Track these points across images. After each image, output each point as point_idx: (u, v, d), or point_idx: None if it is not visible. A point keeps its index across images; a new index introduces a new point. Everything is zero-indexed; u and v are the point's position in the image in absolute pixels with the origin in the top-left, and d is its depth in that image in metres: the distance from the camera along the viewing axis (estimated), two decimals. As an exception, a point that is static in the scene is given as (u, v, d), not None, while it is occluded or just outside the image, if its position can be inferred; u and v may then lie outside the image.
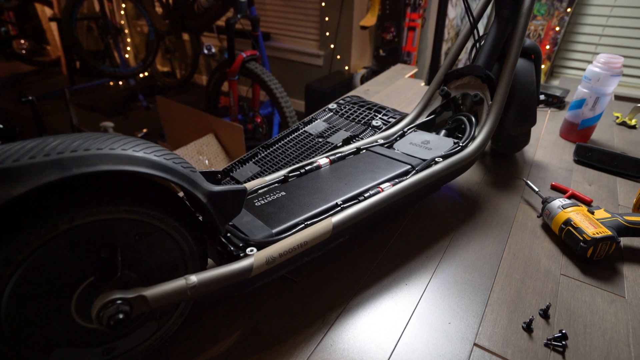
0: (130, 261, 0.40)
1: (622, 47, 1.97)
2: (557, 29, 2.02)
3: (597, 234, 0.59)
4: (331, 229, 0.50)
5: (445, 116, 0.84)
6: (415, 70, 1.57)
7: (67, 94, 1.98)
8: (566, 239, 0.64)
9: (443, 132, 0.78)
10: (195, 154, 2.01)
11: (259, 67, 1.89)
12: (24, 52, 4.43)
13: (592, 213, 0.65)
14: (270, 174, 0.73)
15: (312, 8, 2.87)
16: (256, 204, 0.56)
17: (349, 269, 0.59)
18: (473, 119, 0.74)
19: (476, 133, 0.72)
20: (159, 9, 2.62)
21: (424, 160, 0.67)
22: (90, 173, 0.33)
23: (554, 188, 0.81)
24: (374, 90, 1.33)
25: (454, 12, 2.30)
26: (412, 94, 1.31)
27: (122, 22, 3.88)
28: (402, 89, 1.35)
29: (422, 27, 2.41)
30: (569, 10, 1.97)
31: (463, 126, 0.77)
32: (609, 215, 0.64)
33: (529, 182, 0.77)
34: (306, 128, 0.87)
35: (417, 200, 0.67)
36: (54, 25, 4.02)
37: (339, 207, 0.54)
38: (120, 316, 0.36)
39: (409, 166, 0.65)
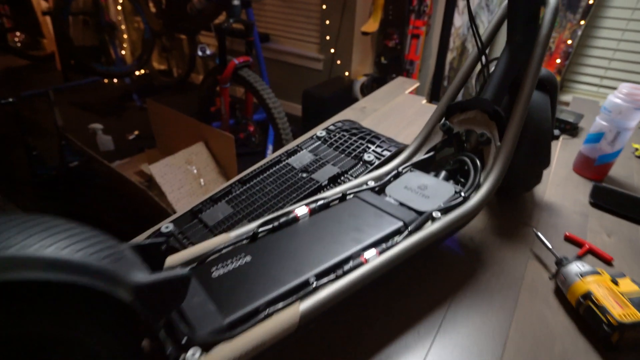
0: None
1: (638, 63, 1.86)
2: (569, 42, 1.91)
3: (625, 317, 0.49)
4: (297, 321, 0.40)
5: (447, 152, 0.74)
6: (417, 84, 1.47)
7: (51, 95, 1.89)
8: (585, 315, 0.54)
9: (443, 174, 0.68)
10: (184, 163, 1.91)
11: (251, 75, 1.79)
12: (18, 45, 4.33)
13: (616, 283, 0.55)
14: (235, 224, 0.63)
15: (313, 10, 2.76)
16: (213, 274, 0.46)
17: (324, 351, 0.49)
18: (478, 163, 0.64)
19: (481, 180, 0.62)
20: (153, 8, 2.51)
21: (419, 213, 0.57)
22: None
23: (568, 239, 0.71)
24: (371, 108, 1.23)
25: (461, 20, 2.19)
26: (412, 112, 1.21)
27: (120, 17, 3.77)
28: (401, 107, 1.25)
29: (427, 34, 2.30)
30: (582, 22, 1.86)
31: (466, 168, 0.67)
32: (638, 289, 0.54)
33: (539, 234, 0.67)
34: (289, 160, 0.77)
35: (408, 264, 0.58)
36: (48, 19, 3.92)
37: (311, 287, 0.44)
38: None
39: (401, 223, 0.55)
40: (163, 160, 1.80)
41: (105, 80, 3.63)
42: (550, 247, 0.64)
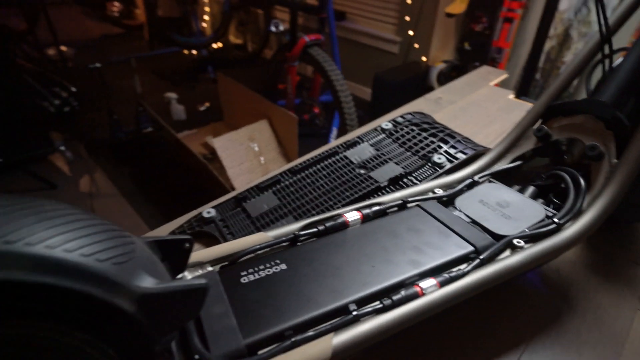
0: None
1: None
2: None
3: None
4: (329, 358, 0.33)
5: (538, 163, 0.61)
6: (505, 76, 1.29)
7: (133, 63, 1.98)
8: None
9: (531, 190, 0.56)
10: (246, 139, 1.91)
11: (321, 54, 1.71)
12: (116, 14, 4.67)
13: None
14: (279, 218, 0.57)
15: (395, -12, 2.58)
16: (242, 279, 0.40)
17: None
18: (582, 182, 0.51)
19: (584, 205, 0.49)
20: (233, -19, 2.52)
21: (495, 237, 0.46)
22: None
23: (693, 291, 0.55)
24: (447, 100, 1.09)
25: (567, 2, 1.89)
26: (495, 109, 1.05)
27: (204, -10, 3.88)
28: (483, 101, 1.09)
29: (522, 18, 2.03)
30: None
31: (563, 186, 0.54)
32: None
33: (654, 280, 0.52)
34: (347, 153, 0.69)
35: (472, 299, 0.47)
36: (141, -10, 4.15)
37: (350, 316, 0.37)
38: None
39: (472, 248, 0.44)
40: (226, 134, 1.82)
41: (185, 51, 3.79)
42: (669, 301, 0.49)
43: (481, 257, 0.43)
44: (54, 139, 2.17)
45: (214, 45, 3.56)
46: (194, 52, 3.83)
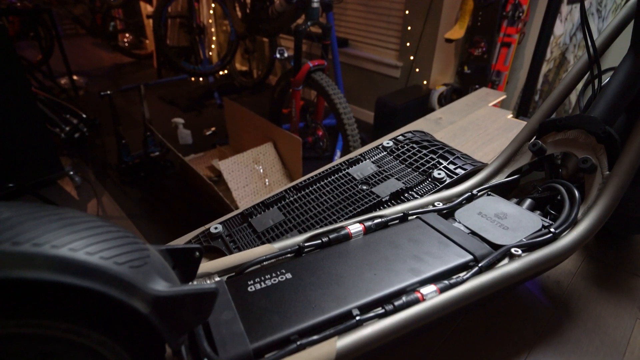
0: (27, 388, 0.29)
1: None
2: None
3: None
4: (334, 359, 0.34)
5: (535, 177, 0.63)
6: (503, 97, 1.33)
7: (142, 89, 2.05)
8: None
9: (528, 202, 0.57)
10: (251, 162, 1.95)
11: (324, 79, 1.77)
12: (126, 44, 4.86)
13: None
14: (284, 233, 0.59)
15: (395, 16, 2.68)
16: (249, 288, 0.42)
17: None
18: (577, 193, 0.53)
19: (579, 215, 0.51)
20: (239, 12, 2.63)
21: (494, 247, 0.48)
22: None
23: (694, 302, 0.55)
24: (447, 120, 1.12)
25: (562, 28, 1.96)
26: (494, 128, 1.08)
27: (211, 20, 4.03)
28: (482, 121, 1.12)
29: (519, 43, 2.09)
30: None
31: (559, 198, 0.55)
32: None
33: (654, 290, 0.53)
34: (350, 169, 0.72)
35: (473, 309, 0.49)
36: (151, 21, 4.34)
37: (354, 321, 0.38)
38: None
39: (470, 257, 0.46)
40: (232, 157, 1.86)
41: (192, 79, 3.90)
42: (669, 310, 0.50)
43: (480, 264, 0.45)
44: (63, 164, 2.22)
45: (221, 72, 3.68)
46: (201, 79, 3.95)
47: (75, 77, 3.47)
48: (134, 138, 2.43)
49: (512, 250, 0.47)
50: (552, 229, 0.49)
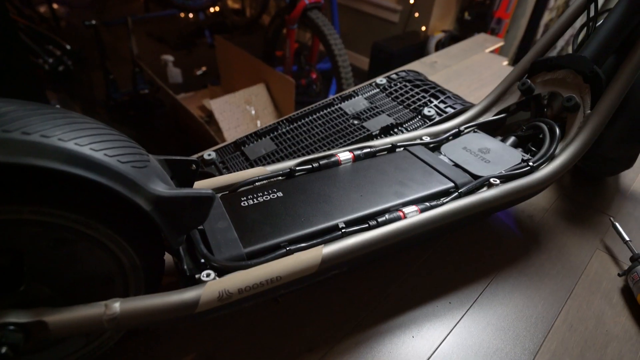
0: (42, 272, 0.31)
1: None
2: None
3: None
4: (319, 263, 0.38)
5: (520, 118, 0.65)
6: (501, 44, 1.31)
7: (129, 22, 1.95)
8: (654, 322, 0.46)
9: (512, 139, 0.60)
10: (243, 102, 1.93)
11: (321, 18, 1.70)
12: (109, -27, 4.51)
13: None
14: (276, 162, 0.61)
15: (398, -46, 2.53)
16: (242, 203, 0.45)
17: (345, 301, 0.47)
18: (557, 130, 0.55)
19: (557, 151, 0.54)
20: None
21: (474, 177, 0.51)
22: None
23: (651, 237, 0.60)
24: (442, 64, 1.12)
25: (568, -26, 1.88)
26: (489, 74, 1.08)
27: (201, -50, 3.75)
28: (477, 67, 1.12)
29: (523, -11, 2.01)
30: None
31: (541, 136, 0.58)
32: None
33: (617, 224, 0.57)
34: (342, 105, 0.72)
35: (451, 230, 0.52)
36: (136, -52, 4.00)
37: (339, 232, 0.41)
38: (3, 350, 0.27)
39: (452, 184, 0.49)
40: (224, 97, 1.83)
41: (182, 15, 3.70)
42: (628, 239, 0.55)
43: (460, 191, 0.48)
44: (49, 98, 2.16)
45: (212, 10, 3.49)
46: (191, 15, 3.75)
47: (55, 6, 3.25)
48: (122, 75, 2.35)
49: (491, 180, 0.50)
50: (530, 163, 0.52)
